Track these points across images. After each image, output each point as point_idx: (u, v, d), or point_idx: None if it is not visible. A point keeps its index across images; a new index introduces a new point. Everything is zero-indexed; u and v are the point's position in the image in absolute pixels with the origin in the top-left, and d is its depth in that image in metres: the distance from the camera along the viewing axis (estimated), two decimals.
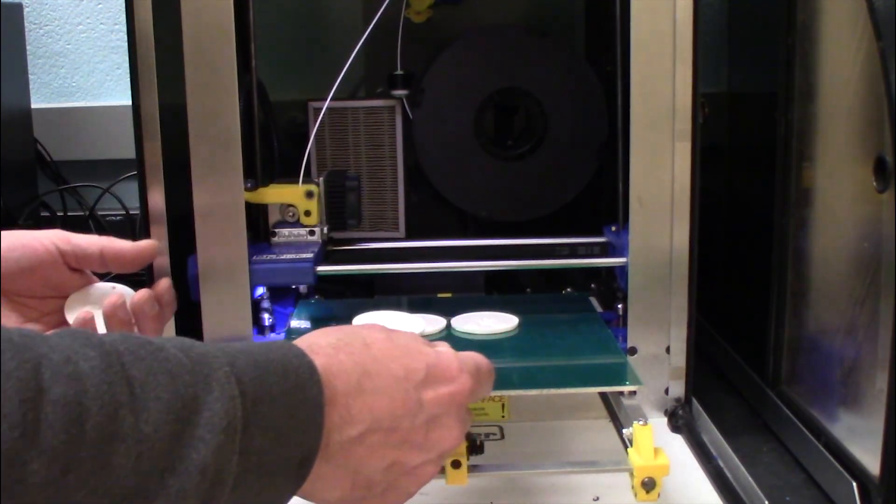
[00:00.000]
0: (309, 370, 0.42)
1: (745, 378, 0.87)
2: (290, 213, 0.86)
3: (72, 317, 0.63)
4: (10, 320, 0.62)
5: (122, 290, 0.67)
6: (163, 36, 0.73)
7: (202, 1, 0.72)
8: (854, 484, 0.63)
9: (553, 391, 0.68)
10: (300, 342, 0.45)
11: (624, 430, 0.65)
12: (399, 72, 0.94)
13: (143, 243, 0.67)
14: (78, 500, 0.32)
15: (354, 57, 0.85)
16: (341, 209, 0.89)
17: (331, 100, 0.88)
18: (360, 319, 0.78)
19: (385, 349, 0.46)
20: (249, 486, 0.38)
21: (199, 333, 0.76)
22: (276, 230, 0.86)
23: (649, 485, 0.61)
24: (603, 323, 0.81)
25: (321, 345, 0.45)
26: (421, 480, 0.47)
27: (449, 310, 0.81)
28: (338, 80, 0.85)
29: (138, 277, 0.73)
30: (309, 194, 0.85)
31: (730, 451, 0.72)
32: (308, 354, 0.43)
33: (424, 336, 0.78)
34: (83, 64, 1.28)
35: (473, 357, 0.52)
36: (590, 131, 0.95)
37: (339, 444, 0.42)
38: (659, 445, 0.62)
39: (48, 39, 1.27)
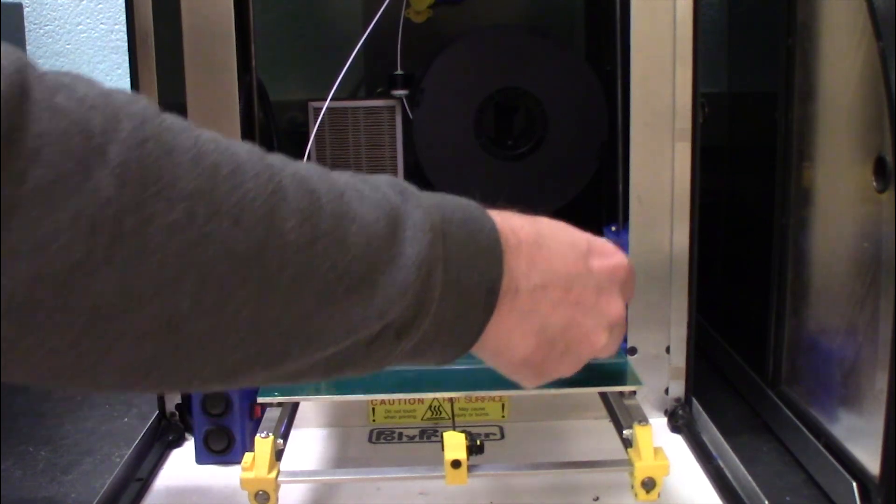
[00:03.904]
0: (480, 210, 0.42)
1: (745, 378, 0.87)
2: None
3: None
4: None
5: None
6: (163, 36, 0.73)
7: (202, 1, 0.72)
8: (854, 484, 0.63)
9: (553, 391, 0.68)
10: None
11: (624, 431, 0.65)
12: (399, 72, 0.94)
13: None
14: (322, 272, 0.34)
15: (354, 57, 0.85)
16: None
17: (331, 100, 0.88)
18: None
19: (547, 221, 0.47)
20: (449, 304, 0.39)
21: None
22: None
23: (649, 485, 0.61)
24: None
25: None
26: (593, 348, 0.46)
27: None
28: (338, 80, 0.85)
29: None
30: None
31: (730, 451, 0.72)
32: None
33: None
34: (83, 64, 1.28)
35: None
36: (590, 131, 0.95)
37: (527, 292, 0.42)
38: (659, 445, 0.62)
39: (48, 39, 1.27)
